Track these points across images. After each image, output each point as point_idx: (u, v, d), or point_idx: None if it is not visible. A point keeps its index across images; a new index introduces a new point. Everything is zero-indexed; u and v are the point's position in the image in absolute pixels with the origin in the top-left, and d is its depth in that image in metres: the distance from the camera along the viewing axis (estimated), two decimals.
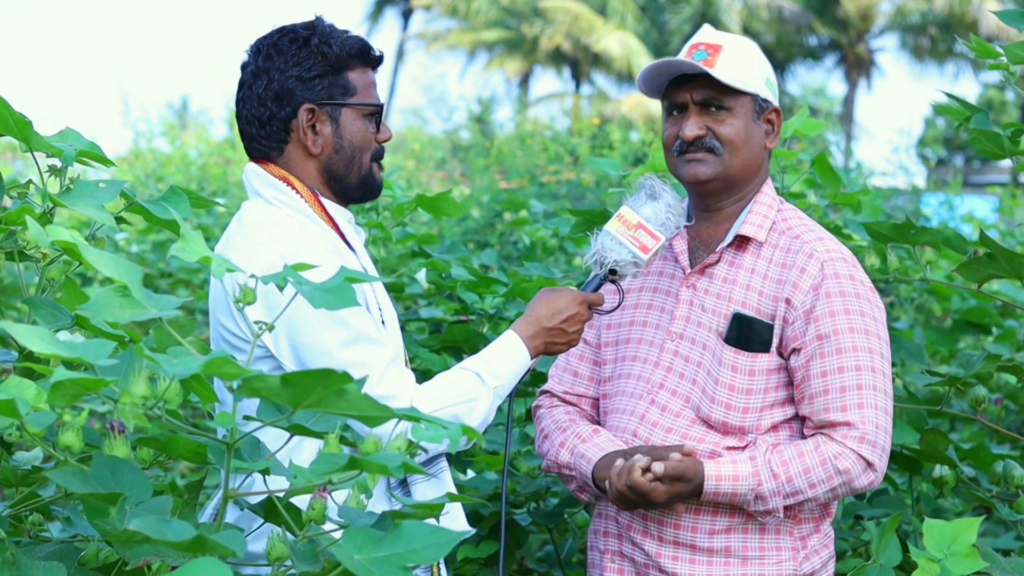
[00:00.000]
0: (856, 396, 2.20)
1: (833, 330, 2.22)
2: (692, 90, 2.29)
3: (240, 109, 2.28)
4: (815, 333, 2.22)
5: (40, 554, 1.63)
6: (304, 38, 2.23)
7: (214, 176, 10.20)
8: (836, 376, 2.21)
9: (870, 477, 2.22)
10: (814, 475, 2.20)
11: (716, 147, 2.29)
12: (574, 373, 2.48)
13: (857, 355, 2.21)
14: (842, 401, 2.20)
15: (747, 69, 2.29)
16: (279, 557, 1.47)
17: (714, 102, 2.28)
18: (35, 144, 1.85)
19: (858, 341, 2.22)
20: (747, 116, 2.30)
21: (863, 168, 12.66)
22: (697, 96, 2.29)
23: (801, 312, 2.23)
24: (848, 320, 2.22)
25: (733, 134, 2.28)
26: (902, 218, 2.87)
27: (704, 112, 2.29)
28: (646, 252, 2.23)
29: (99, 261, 1.48)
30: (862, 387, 2.21)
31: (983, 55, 2.55)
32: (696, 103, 2.29)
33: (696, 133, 2.28)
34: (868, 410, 2.21)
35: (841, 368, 2.21)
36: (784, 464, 2.20)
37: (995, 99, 30.83)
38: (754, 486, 2.20)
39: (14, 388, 1.45)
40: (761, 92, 2.31)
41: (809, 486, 2.20)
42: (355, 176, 2.28)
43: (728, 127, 2.28)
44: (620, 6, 31.44)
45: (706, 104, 2.28)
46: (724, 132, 2.28)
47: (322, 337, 2.08)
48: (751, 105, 2.30)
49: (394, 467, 1.41)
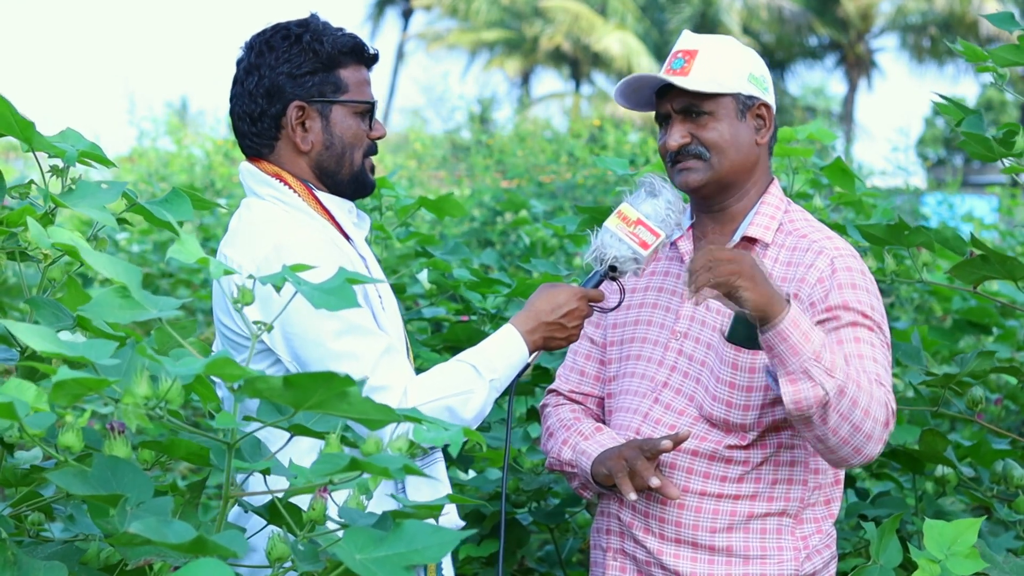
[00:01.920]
0: (874, 365, 2.19)
1: (848, 307, 2.21)
2: (671, 100, 2.31)
3: (233, 105, 2.29)
4: (820, 317, 2.21)
5: (41, 554, 1.63)
6: (296, 35, 2.24)
7: (221, 175, 10.21)
8: (853, 345, 2.20)
9: (880, 444, 2.15)
10: (864, 388, 2.11)
11: (702, 152, 2.30)
12: (580, 372, 2.49)
13: (859, 346, 2.20)
14: (862, 364, 2.18)
15: (724, 70, 2.29)
16: (280, 557, 1.47)
17: (693, 108, 2.29)
18: (37, 145, 1.85)
19: (861, 334, 2.21)
20: (730, 117, 2.30)
21: (863, 168, 12.67)
22: (676, 105, 2.30)
23: (807, 304, 2.23)
24: (859, 298, 2.22)
25: (717, 137, 2.29)
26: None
27: (687, 119, 2.30)
28: (646, 248, 2.23)
29: (98, 262, 1.48)
30: (877, 361, 2.20)
31: (972, 59, 2.56)
32: (677, 112, 2.31)
33: (680, 142, 2.30)
34: (885, 379, 2.19)
35: (857, 339, 2.20)
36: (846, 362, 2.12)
37: (995, 99, 30.85)
38: (819, 349, 2.06)
39: (14, 389, 1.45)
40: (743, 90, 2.30)
41: (857, 387, 2.08)
42: (346, 172, 2.28)
43: (711, 131, 2.29)
44: (620, 6, 31.46)
45: (687, 111, 2.30)
46: (708, 137, 2.29)
47: (315, 327, 2.08)
48: (733, 105, 2.30)
49: (395, 469, 1.41)
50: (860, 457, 2.15)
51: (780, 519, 2.29)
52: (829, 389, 2.06)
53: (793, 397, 2.07)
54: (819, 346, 2.06)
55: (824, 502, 2.33)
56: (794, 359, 2.06)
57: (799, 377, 2.06)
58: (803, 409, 2.08)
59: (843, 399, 2.08)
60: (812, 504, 2.32)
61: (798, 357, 2.06)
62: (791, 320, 2.05)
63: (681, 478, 2.28)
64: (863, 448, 2.13)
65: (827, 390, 2.06)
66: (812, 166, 3.28)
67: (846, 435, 2.11)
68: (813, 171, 3.32)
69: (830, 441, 2.12)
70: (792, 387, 2.07)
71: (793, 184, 3.21)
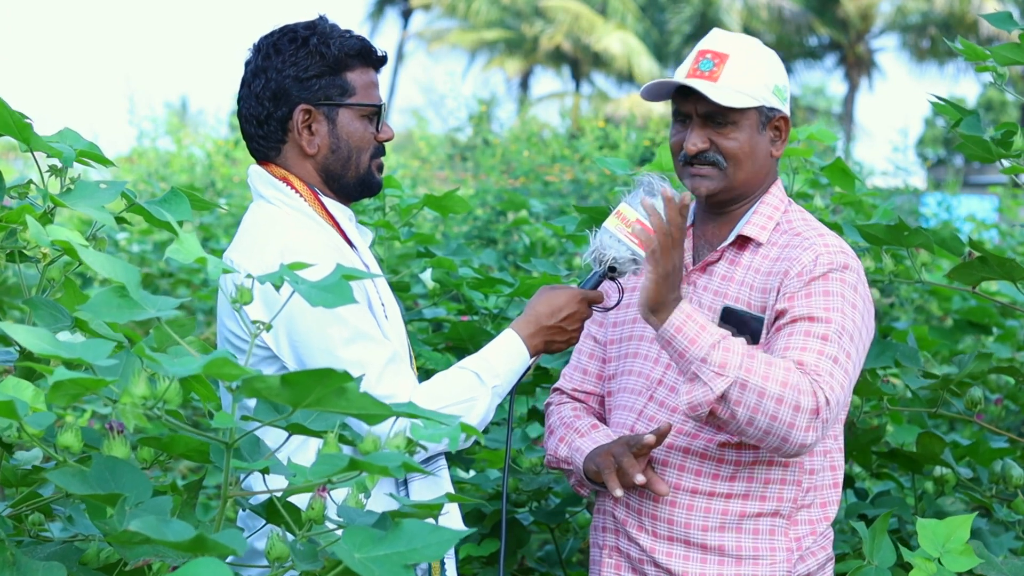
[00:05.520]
0: (814, 357, 2.12)
1: (807, 305, 2.17)
2: (696, 102, 2.27)
3: (240, 107, 2.29)
4: (796, 311, 2.17)
5: (41, 554, 1.63)
6: (303, 38, 2.23)
7: (221, 175, 10.21)
8: (801, 339, 2.15)
9: (810, 432, 2.07)
10: (773, 377, 2.06)
11: (719, 161, 2.28)
12: (583, 371, 2.50)
13: (807, 339, 2.14)
14: (801, 356, 2.12)
15: (754, 80, 2.26)
16: (279, 557, 1.47)
17: (718, 116, 2.26)
18: (35, 145, 1.85)
19: (815, 328, 2.15)
20: (752, 128, 2.28)
21: (863, 168, 12.66)
22: (701, 109, 2.27)
23: (785, 296, 2.21)
24: (826, 301, 2.18)
25: (737, 148, 2.27)
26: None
27: (708, 124, 2.27)
28: (644, 249, 2.23)
29: (96, 262, 1.48)
30: (822, 353, 2.13)
31: (972, 57, 2.55)
32: (700, 115, 2.27)
33: (700, 147, 2.27)
34: (827, 363, 2.11)
35: (807, 332, 2.15)
36: (751, 356, 2.08)
37: (995, 99, 30.85)
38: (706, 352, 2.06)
39: (12, 389, 1.45)
40: (768, 102, 2.28)
41: (763, 379, 2.05)
42: (353, 175, 2.28)
43: (732, 141, 2.27)
44: (620, 6, 31.45)
45: (710, 117, 2.27)
46: (728, 147, 2.27)
47: (321, 336, 2.08)
48: (756, 117, 2.28)
49: (394, 467, 1.41)
50: (789, 445, 2.09)
51: (773, 519, 2.28)
52: (717, 388, 2.06)
53: (685, 399, 2.09)
54: (707, 348, 2.07)
55: (820, 504, 2.32)
56: (682, 363, 2.10)
57: (692, 378, 2.09)
58: (696, 409, 2.09)
59: (746, 392, 2.05)
60: (806, 505, 2.30)
61: (685, 360, 2.09)
62: (673, 326, 2.08)
63: (673, 475, 2.28)
64: (789, 436, 2.07)
65: (715, 390, 2.06)
66: (812, 166, 3.28)
67: (764, 427, 2.07)
68: (813, 171, 3.32)
69: (750, 433, 2.10)
70: (686, 386, 2.10)
71: (793, 184, 3.21)
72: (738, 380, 2.05)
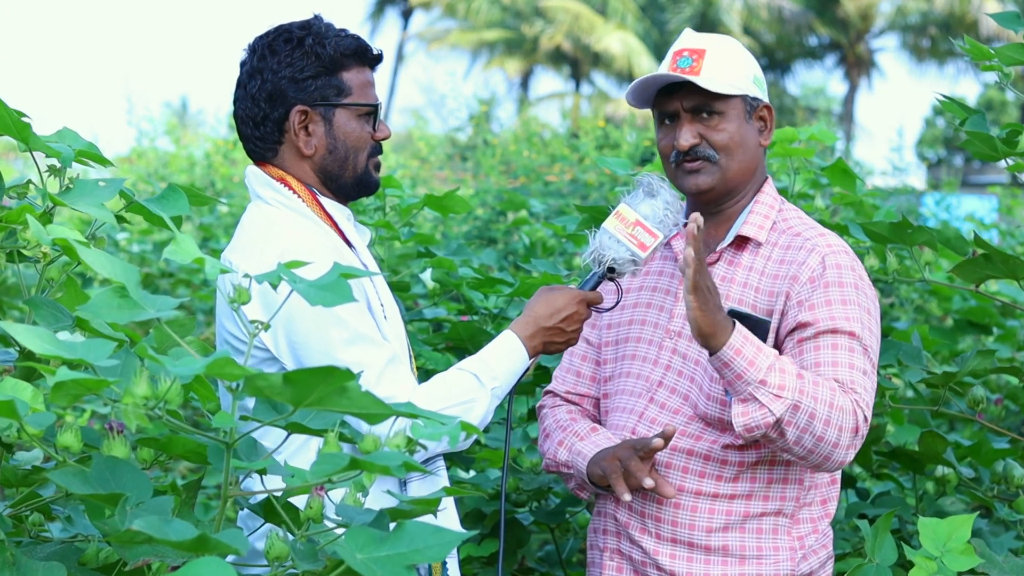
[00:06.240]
0: (848, 372, 2.16)
1: (830, 317, 2.19)
2: (682, 98, 2.29)
3: (236, 109, 2.28)
4: (820, 324, 2.19)
5: (40, 554, 1.62)
6: (298, 38, 2.22)
7: (221, 175, 10.20)
8: (830, 353, 2.18)
9: (851, 450, 2.12)
10: (822, 399, 2.08)
11: (711, 155, 2.29)
12: (576, 373, 2.49)
13: (836, 353, 2.18)
14: (835, 372, 2.16)
15: (733, 70, 2.28)
16: (279, 556, 1.47)
17: (705, 108, 2.28)
18: (34, 144, 1.84)
19: (839, 341, 2.19)
20: (739, 118, 2.30)
21: (863, 168, 12.66)
22: (687, 104, 2.28)
23: (795, 302, 2.22)
24: (844, 310, 2.20)
25: (727, 139, 2.29)
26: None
27: (696, 119, 2.29)
28: (644, 250, 2.23)
29: (96, 261, 1.48)
30: (853, 367, 2.17)
31: (977, 57, 2.55)
32: (687, 111, 2.29)
33: (691, 142, 2.28)
34: (859, 378, 2.16)
35: (835, 345, 2.18)
36: (800, 376, 2.09)
37: (995, 99, 30.86)
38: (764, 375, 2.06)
39: (10, 389, 1.45)
40: (750, 91, 2.30)
41: (814, 400, 2.07)
42: (350, 175, 2.27)
43: (721, 133, 2.28)
44: (620, 6, 31.45)
45: (697, 111, 2.28)
46: (718, 139, 2.28)
47: (320, 337, 2.08)
48: (742, 106, 2.30)
49: (395, 467, 1.41)
50: (830, 463, 2.14)
51: (776, 519, 2.28)
52: (777, 411, 2.07)
53: (742, 420, 2.09)
54: (765, 371, 2.07)
55: (820, 502, 2.33)
56: (740, 384, 2.08)
57: (747, 399, 2.08)
58: (752, 431, 2.09)
59: (799, 414, 2.07)
60: (808, 504, 2.31)
61: (743, 382, 2.08)
62: (733, 348, 2.07)
63: (677, 478, 2.28)
64: (832, 455, 2.12)
65: (775, 412, 2.07)
66: (813, 166, 3.28)
67: (810, 446, 2.11)
68: (814, 171, 3.31)
69: (795, 452, 2.13)
70: (741, 407, 2.09)
71: (794, 184, 3.21)
72: (793, 402, 2.07)
